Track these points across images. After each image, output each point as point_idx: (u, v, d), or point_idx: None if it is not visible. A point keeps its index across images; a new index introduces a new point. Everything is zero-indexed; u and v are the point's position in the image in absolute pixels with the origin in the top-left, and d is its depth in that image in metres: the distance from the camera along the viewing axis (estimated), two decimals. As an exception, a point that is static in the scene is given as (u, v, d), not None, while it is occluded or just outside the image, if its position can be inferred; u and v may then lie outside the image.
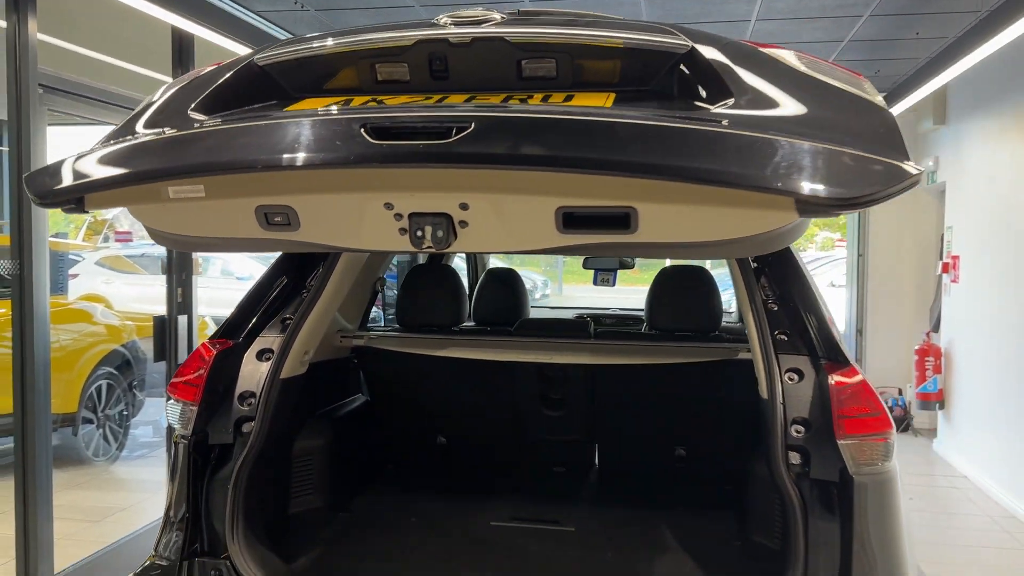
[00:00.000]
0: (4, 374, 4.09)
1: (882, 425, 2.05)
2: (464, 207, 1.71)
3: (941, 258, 7.54)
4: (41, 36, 4.06)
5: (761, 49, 1.75)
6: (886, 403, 7.72)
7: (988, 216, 6.47)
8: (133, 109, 4.87)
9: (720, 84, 1.62)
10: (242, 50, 5.20)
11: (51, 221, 4.25)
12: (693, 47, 1.68)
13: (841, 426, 2.03)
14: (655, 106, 1.66)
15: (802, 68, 1.71)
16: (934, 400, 7.49)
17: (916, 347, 7.65)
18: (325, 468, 2.90)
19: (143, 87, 5.09)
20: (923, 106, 7.77)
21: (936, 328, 7.80)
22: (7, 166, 4.04)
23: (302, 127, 1.56)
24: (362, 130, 1.48)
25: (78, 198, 1.72)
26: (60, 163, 1.75)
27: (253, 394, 2.46)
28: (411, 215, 1.74)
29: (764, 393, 2.20)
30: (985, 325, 6.55)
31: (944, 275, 7.43)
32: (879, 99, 1.69)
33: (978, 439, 6.71)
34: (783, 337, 2.24)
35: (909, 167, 1.43)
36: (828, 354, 2.17)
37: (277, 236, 1.87)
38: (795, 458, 2.08)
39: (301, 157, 1.51)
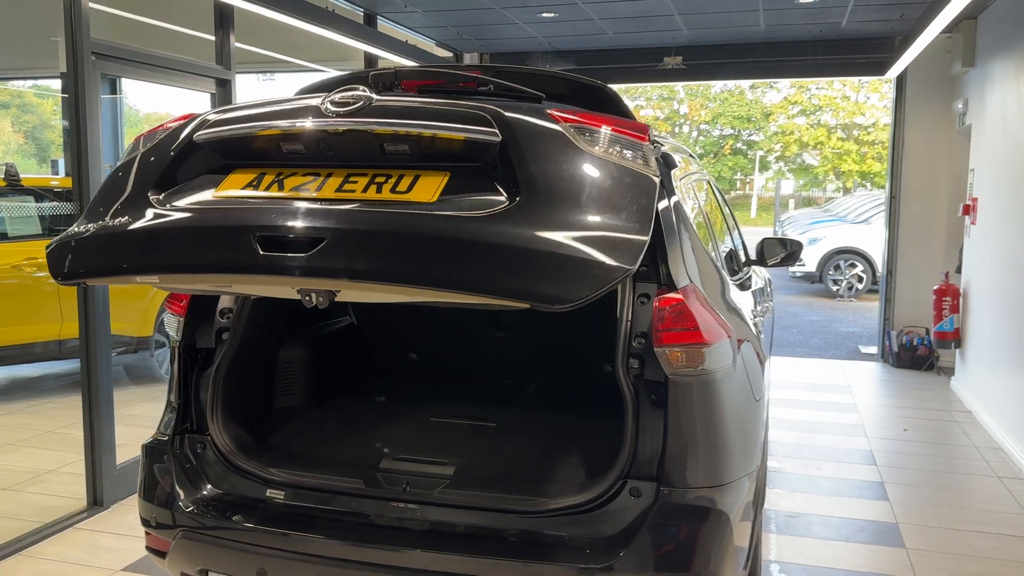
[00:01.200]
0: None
1: (694, 337, 2.50)
2: None
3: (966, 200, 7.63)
4: (93, 5, 4.68)
5: (559, 134, 2.31)
6: (911, 342, 7.88)
7: (1002, 157, 6.54)
8: (176, 70, 5.40)
9: (513, 178, 2.20)
10: (279, 17, 5.79)
11: (110, 167, 4.92)
12: (503, 140, 2.25)
13: (659, 337, 2.50)
14: (471, 194, 2.25)
15: (588, 149, 2.28)
16: (950, 339, 7.66)
17: (935, 287, 7.82)
18: (305, 374, 3.52)
19: (188, 49, 5.73)
20: (955, 48, 7.78)
21: (959, 269, 7.92)
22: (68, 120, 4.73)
23: (213, 238, 2.28)
24: (253, 240, 2.16)
25: (81, 282, 2.48)
26: (68, 251, 2.44)
27: (231, 310, 3.09)
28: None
29: (618, 312, 2.67)
30: (993, 266, 6.69)
31: (965, 217, 7.53)
32: (649, 168, 2.27)
33: (982, 376, 6.91)
34: (644, 268, 2.68)
35: (621, 267, 2.02)
36: (667, 283, 2.62)
37: (223, 289, 2.64)
38: (635, 363, 2.56)
39: (212, 265, 2.26)
